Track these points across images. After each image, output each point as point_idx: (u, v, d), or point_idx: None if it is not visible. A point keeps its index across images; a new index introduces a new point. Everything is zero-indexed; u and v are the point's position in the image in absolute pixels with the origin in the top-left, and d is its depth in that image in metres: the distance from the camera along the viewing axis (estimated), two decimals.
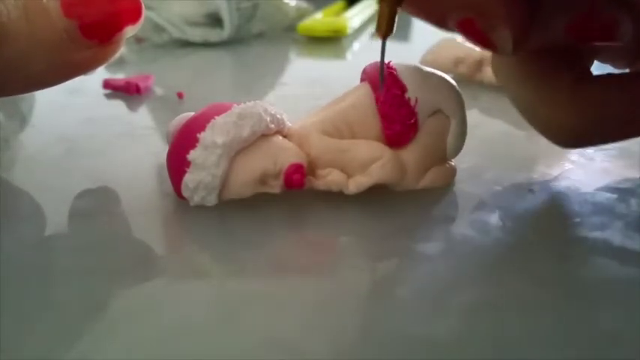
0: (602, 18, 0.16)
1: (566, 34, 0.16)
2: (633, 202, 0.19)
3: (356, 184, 0.18)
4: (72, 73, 0.18)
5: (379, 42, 0.17)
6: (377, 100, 0.18)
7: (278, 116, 0.18)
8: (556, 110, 0.18)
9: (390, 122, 0.18)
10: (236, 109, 0.18)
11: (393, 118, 0.18)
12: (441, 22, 0.17)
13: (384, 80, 0.18)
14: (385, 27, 0.17)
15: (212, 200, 0.17)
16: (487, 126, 0.26)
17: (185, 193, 0.17)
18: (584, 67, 0.18)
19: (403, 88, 0.18)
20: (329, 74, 0.36)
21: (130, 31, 0.18)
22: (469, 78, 0.32)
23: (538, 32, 0.16)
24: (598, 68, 0.19)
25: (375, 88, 0.19)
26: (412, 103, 0.18)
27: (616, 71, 0.19)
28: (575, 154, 0.23)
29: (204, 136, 0.17)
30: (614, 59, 0.19)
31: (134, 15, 0.18)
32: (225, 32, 0.42)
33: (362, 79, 0.20)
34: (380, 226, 0.18)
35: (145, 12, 0.18)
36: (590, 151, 0.23)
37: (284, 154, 0.18)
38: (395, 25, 0.17)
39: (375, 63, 0.19)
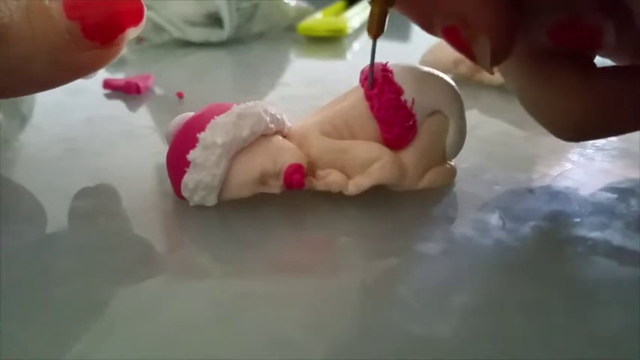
0: (585, 25, 0.16)
1: (548, 39, 0.17)
2: (633, 202, 0.19)
3: (356, 184, 0.18)
4: (74, 74, 0.18)
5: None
6: (371, 107, 0.18)
7: (278, 116, 0.18)
8: (560, 103, 0.18)
9: (389, 126, 0.18)
10: (236, 109, 0.18)
11: (391, 122, 0.18)
12: (428, 26, 0.17)
13: (379, 83, 0.18)
14: (375, 27, 0.17)
15: (212, 200, 0.17)
16: (487, 126, 0.26)
17: (185, 193, 0.17)
18: (588, 60, 0.18)
19: (399, 91, 0.18)
20: (329, 74, 0.36)
21: (132, 32, 0.18)
22: (469, 78, 0.32)
23: (521, 37, 0.16)
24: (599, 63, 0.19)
25: (367, 96, 0.18)
26: (409, 104, 0.18)
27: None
28: (575, 154, 0.23)
29: (204, 136, 0.17)
30: (616, 54, 0.19)
31: (136, 17, 0.18)
32: (225, 32, 0.42)
33: (360, 80, 0.20)
34: (380, 226, 0.18)
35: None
36: (590, 151, 0.23)
37: (284, 154, 0.18)
38: (385, 25, 0.17)
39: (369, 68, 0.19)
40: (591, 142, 0.24)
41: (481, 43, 0.15)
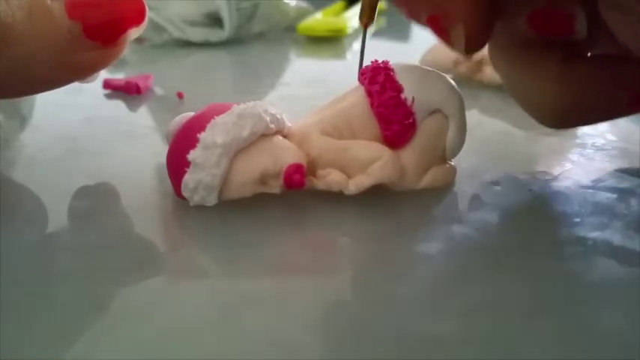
0: (559, 12, 0.17)
1: (527, 26, 0.18)
2: (633, 202, 0.19)
3: (356, 184, 0.18)
4: (75, 74, 0.18)
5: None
6: (371, 104, 0.18)
7: (278, 116, 0.18)
8: (539, 85, 0.18)
9: (388, 123, 0.18)
10: (236, 109, 0.18)
11: (391, 119, 0.18)
12: (416, 16, 0.18)
13: (380, 80, 0.18)
14: (367, 17, 0.20)
15: (212, 200, 0.17)
16: (487, 126, 0.26)
17: (185, 193, 0.17)
18: (571, 48, 0.18)
19: (399, 89, 0.18)
20: (329, 74, 0.36)
21: (134, 32, 0.18)
22: (469, 78, 0.32)
23: (501, 27, 0.17)
24: None
25: (368, 94, 0.19)
26: (409, 102, 0.18)
27: None
28: (575, 154, 0.23)
29: (204, 136, 0.17)
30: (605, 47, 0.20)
31: (138, 17, 0.18)
32: (225, 32, 0.42)
33: (359, 80, 0.20)
34: (380, 226, 0.18)
35: None
36: (590, 151, 0.23)
37: (284, 154, 0.18)
38: (375, 15, 0.20)
39: (370, 66, 0.19)
40: (591, 141, 0.24)
41: (456, 32, 0.17)
